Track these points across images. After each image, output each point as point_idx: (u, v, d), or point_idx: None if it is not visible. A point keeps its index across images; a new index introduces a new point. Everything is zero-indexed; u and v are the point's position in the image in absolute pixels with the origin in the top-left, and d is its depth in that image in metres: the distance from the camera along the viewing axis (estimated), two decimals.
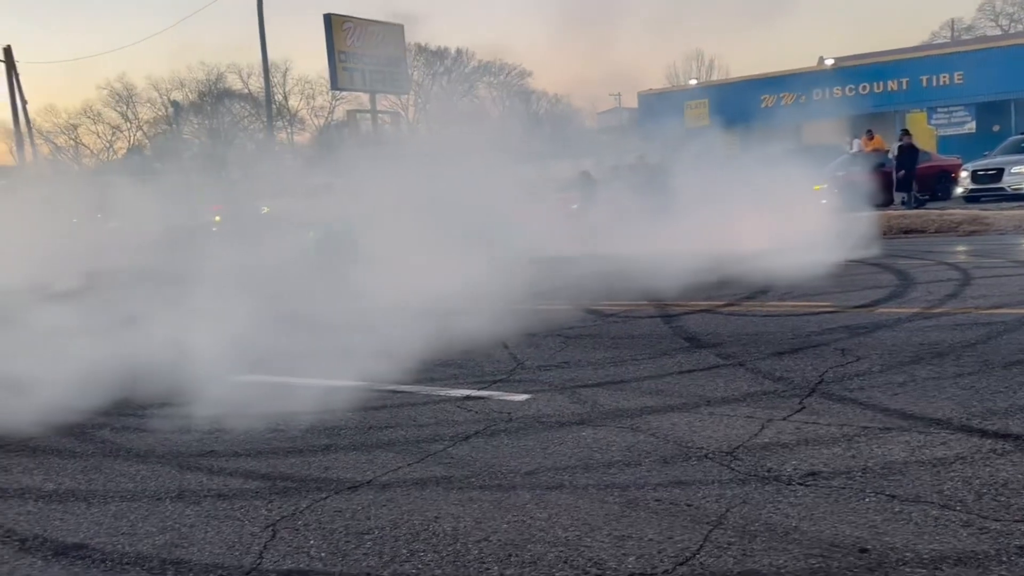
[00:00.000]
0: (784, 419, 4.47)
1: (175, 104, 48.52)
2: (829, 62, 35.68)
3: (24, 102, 34.52)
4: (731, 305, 8.25)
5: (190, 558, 3.31)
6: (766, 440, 4.15)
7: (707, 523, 3.26)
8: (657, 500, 3.52)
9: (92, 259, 11.14)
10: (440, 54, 53.78)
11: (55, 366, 5.82)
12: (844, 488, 3.51)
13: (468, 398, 5.41)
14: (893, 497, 3.39)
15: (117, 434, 5.19)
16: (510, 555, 3.14)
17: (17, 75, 33.96)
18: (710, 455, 4.00)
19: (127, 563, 3.30)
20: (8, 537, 3.64)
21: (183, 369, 5.95)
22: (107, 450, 4.87)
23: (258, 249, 9.84)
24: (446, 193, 9.72)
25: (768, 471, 3.74)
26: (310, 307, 7.93)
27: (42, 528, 3.73)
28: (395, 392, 5.71)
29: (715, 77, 51.68)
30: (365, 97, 28.96)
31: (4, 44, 33.29)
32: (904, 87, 32.12)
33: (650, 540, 3.16)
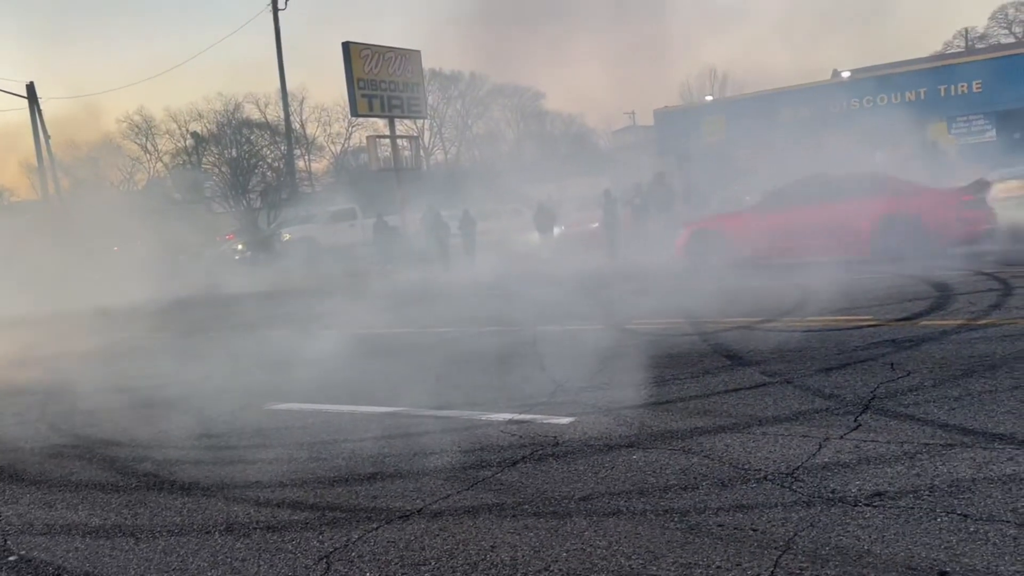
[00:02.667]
0: (841, 437, 4.35)
1: (195, 135, 48.95)
2: (845, 74, 35.51)
3: (47, 137, 34.98)
4: (769, 321, 8.12)
5: None
6: (825, 460, 4.04)
7: (775, 548, 3.15)
8: (720, 525, 3.41)
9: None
10: (454, 78, 54.05)
11: None
12: (913, 508, 3.40)
13: (511, 422, 5.32)
14: (966, 516, 3.28)
15: (159, 467, 5.14)
16: None
17: (40, 111, 34.44)
18: (769, 477, 3.89)
19: None
20: None
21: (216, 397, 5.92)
22: (150, 483, 4.82)
23: None
24: None
25: (832, 492, 3.63)
26: None
27: (92, 566, 3.67)
28: (436, 417, 5.63)
29: (729, 93, 51.51)
30: (379, 122, 28.96)
31: (27, 81, 33.86)
32: (922, 97, 31.88)
33: (718, 567, 3.05)
